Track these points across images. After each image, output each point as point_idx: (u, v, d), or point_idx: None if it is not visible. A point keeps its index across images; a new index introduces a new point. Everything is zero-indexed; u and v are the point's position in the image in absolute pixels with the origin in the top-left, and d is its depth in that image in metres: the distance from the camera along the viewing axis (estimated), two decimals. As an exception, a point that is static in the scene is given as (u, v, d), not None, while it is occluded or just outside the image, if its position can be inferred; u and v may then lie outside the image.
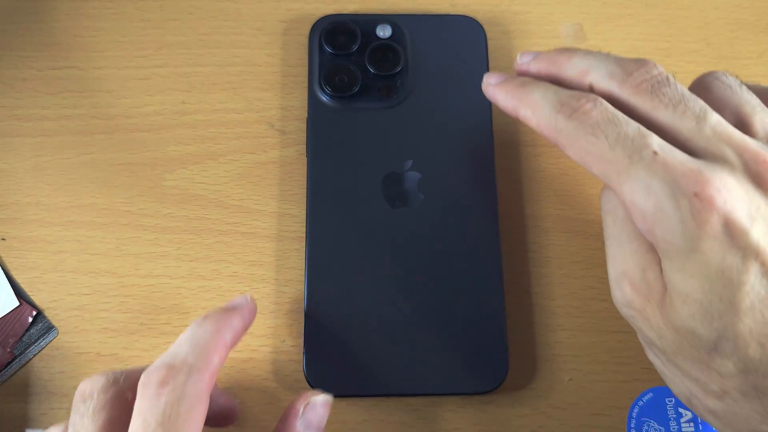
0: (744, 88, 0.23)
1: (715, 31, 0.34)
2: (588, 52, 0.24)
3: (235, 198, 0.31)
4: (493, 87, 0.25)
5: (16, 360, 0.29)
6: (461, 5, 0.34)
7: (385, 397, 0.27)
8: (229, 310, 0.23)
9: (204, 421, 0.20)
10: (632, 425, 0.28)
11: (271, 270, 0.30)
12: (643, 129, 0.21)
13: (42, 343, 0.29)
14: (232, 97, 0.33)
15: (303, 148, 0.32)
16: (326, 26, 0.32)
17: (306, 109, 0.31)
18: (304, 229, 0.31)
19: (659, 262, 0.21)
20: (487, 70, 0.31)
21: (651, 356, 0.23)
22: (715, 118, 0.21)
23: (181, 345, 0.21)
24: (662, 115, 0.21)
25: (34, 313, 0.29)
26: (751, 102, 0.22)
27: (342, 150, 0.30)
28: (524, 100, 0.24)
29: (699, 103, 0.22)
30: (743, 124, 0.22)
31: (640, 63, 0.23)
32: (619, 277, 0.22)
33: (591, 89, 0.23)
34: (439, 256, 0.29)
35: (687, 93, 0.22)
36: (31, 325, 0.29)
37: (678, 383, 0.22)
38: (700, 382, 0.21)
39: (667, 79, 0.22)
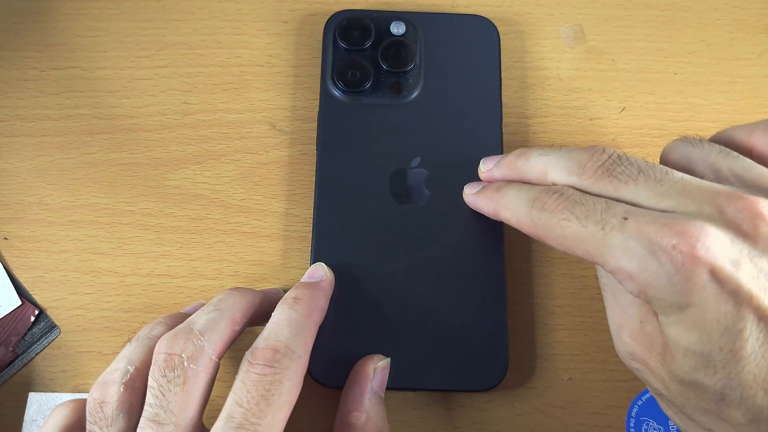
0: (704, 141, 0.23)
1: (714, 32, 0.35)
2: (541, 152, 0.25)
3: (237, 198, 0.31)
4: (473, 196, 0.27)
5: (19, 359, 0.29)
6: (462, 6, 0.34)
7: (386, 391, 0.27)
8: (315, 289, 0.26)
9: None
10: (631, 424, 0.29)
11: (273, 269, 0.30)
12: (609, 202, 0.22)
13: (44, 342, 0.29)
14: (233, 98, 0.33)
15: (305, 148, 0.32)
16: (341, 21, 0.32)
17: (317, 103, 0.32)
18: (307, 228, 0.31)
19: (656, 314, 0.21)
20: (500, 71, 0.32)
21: (663, 406, 0.23)
22: (677, 175, 0.21)
23: (281, 327, 0.24)
24: (626, 191, 0.22)
25: (36, 312, 0.30)
26: (713, 150, 0.23)
27: (351, 144, 0.30)
28: (501, 202, 0.25)
29: (658, 168, 0.22)
30: (713, 173, 0.22)
31: (590, 151, 0.23)
32: (618, 329, 0.23)
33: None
34: (444, 253, 0.29)
35: (643, 163, 0.22)
36: (33, 324, 0.30)
37: None
38: None
39: (619, 158, 0.23)
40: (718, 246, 0.19)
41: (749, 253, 0.20)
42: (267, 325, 0.24)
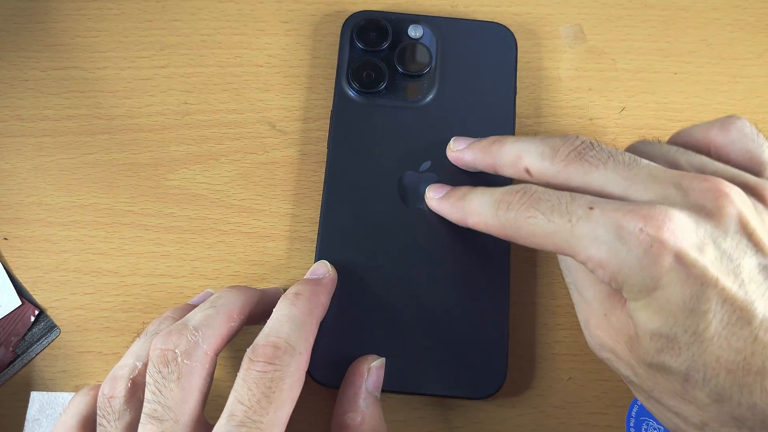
0: (663, 143, 0.24)
1: (714, 31, 0.35)
2: (517, 138, 0.25)
3: (237, 198, 0.31)
4: (437, 201, 0.28)
5: (19, 359, 0.29)
6: (461, 6, 0.34)
7: (385, 393, 0.27)
8: (317, 285, 0.26)
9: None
10: (631, 424, 0.29)
11: (273, 270, 0.30)
12: (574, 194, 0.22)
13: (44, 343, 0.29)
14: (233, 98, 0.33)
15: (305, 148, 0.32)
16: (359, 22, 0.32)
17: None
18: (307, 228, 0.31)
19: (622, 305, 0.22)
20: (515, 80, 0.31)
21: (635, 393, 0.24)
22: (645, 162, 0.22)
23: (282, 323, 0.24)
24: (595, 176, 0.22)
25: (37, 312, 0.30)
26: (671, 149, 0.23)
27: (363, 145, 0.30)
28: (467, 209, 0.25)
29: (627, 155, 0.22)
30: (673, 167, 0.22)
31: (564, 137, 0.24)
32: (587, 323, 0.23)
33: (528, 173, 0.24)
34: (449, 259, 0.29)
35: (614, 150, 0.23)
36: (33, 324, 0.30)
37: (663, 417, 0.23)
38: (680, 415, 0.21)
39: (591, 144, 0.23)
40: (683, 230, 0.20)
41: (713, 235, 0.20)
42: (268, 321, 0.24)
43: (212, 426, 0.22)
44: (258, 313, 0.26)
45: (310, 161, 0.32)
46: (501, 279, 0.29)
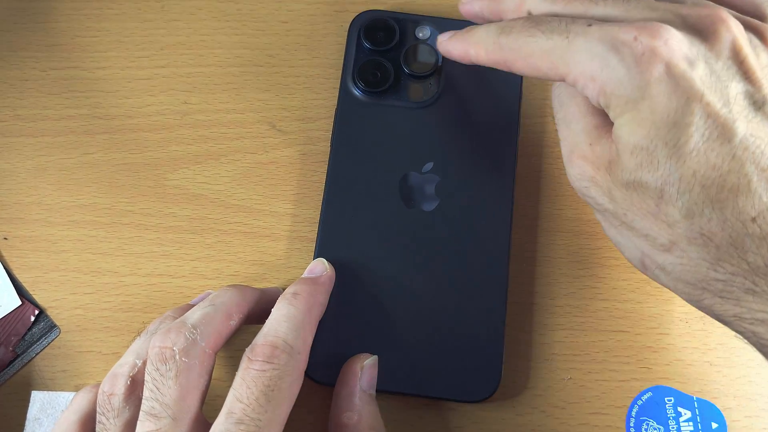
0: None
1: (714, 32, 0.34)
2: None
3: (237, 198, 0.31)
4: (445, 42, 0.27)
5: (19, 359, 0.29)
6: (461, 6, 0.34)
7: (380, 393, 0.27)
8: (315, 284, 0.26)
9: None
10: (631, 424, 0.29)
11: (273, 269, 0.30)
12: (575, 17, 0.23)
13: (44, 342, 0.29)
14: (233, 98, 0.33)
15: (304, 148, 0.32)
16: (366, 21, 0.32)
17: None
18: (307, 227, 0.31)
19: (607, 133, 0.22)
20: (521, 85, 0.31)
21: (605, 226, 0.24)
22: None
23: (280, 323, 0.24)
24: (595, 11, 0.23)
25: (36, 312, 0.30)
26: None
27: (366, 144, 0.30)
28: (470, 40, 0.25)
29: None
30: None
31: None
32: (571, 155, 0.24)
33: (530, 15, 0.25)
34: (447, 261, 0.29)
35: None
36: (33, 324, 0.30)
37: (630, 246, 0.23)
38: (649, 237, 0.22)
39: None
40: (677, 44, 0.20)
41: (705, 55, 0.21)
42: (266, 321, 0.24)
43: (211, 424, 0.22)
44: (257, 312, 0.26)
45: (310, 161, 0.32)
46: (499, 282, 0.28)
